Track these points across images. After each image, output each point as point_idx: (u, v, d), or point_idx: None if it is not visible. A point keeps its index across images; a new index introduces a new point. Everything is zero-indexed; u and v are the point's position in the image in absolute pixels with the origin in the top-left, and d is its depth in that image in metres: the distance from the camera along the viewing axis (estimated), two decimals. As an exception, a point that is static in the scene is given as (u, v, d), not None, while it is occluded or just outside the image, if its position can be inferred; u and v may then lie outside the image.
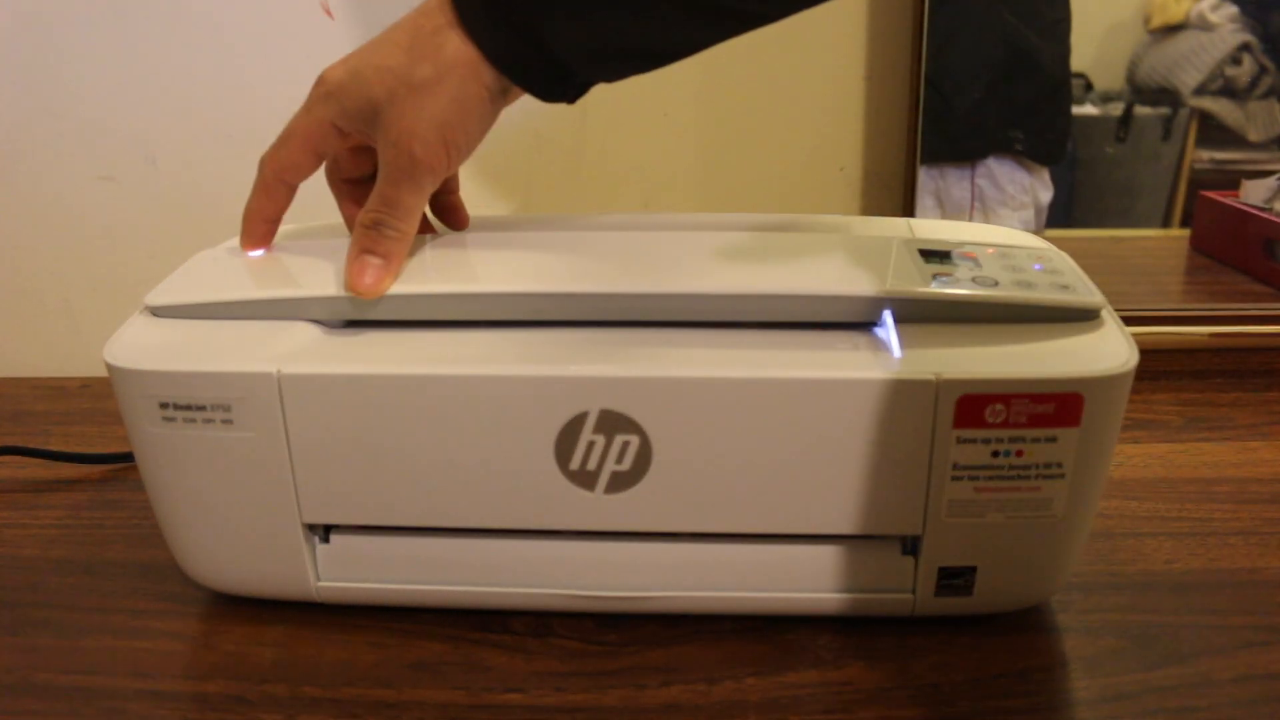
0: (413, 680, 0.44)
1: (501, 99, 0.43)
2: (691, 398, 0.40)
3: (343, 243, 0.51)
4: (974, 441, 0.41)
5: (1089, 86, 0.78)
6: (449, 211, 0.51)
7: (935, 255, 0.46)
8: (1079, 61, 0.76)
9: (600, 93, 0.73)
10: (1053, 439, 0.40)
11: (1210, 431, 0.65)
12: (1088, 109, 0.79)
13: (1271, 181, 0.86)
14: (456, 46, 0.41)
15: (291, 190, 0.47)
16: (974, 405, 0.40)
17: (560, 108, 0.73)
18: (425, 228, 0.50)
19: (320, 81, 0.45)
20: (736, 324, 0.43)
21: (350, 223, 0.49)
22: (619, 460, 0.42)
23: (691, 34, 0.42)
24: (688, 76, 0.73)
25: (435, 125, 0.42)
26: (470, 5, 0.41)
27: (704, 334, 0.43)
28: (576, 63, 0.42)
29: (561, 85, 0.43)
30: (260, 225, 0.48)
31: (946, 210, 0.77)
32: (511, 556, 0.45)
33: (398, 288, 0.44)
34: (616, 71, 0.44)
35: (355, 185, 0.49)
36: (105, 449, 0.63)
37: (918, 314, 0.43)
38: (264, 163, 0.47)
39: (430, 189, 0.44)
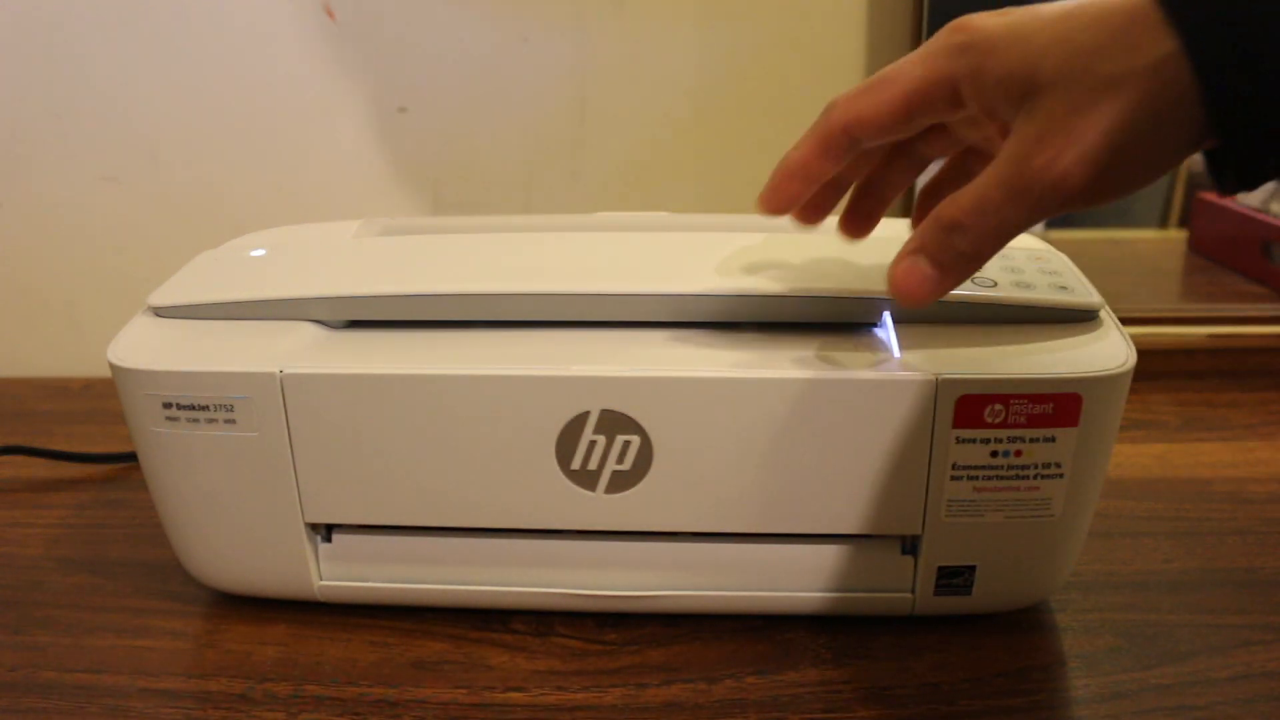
0: (414, 679, 0.44)
1: (1189, 153, 0.33)
2: (692, 398, 0.41)
3: (345, 243, 0.51)
4: (973, 441, 0.41)
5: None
6: (868, 213, 0.42)
7: (934, 256, 0.46)
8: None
9: (600, 92, 0.74)
10: (1051, 439, 0.41)
11: (1208, 431, 0.65)
12: (1086, 110, 0.79)
13: (1269, 183, 0.86)
14: (1166, 54, 0.30)
15: (850, 152, 0.37)
16: (973, 405, 0.40)
17: (559, 107, 0.74)
18: None
19: (959, 28, 0.34)
20: (737, 324, 0.44)
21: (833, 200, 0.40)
22: (620, 460, 0.42)
23: None
24: (688, 76, 0.74)
25: (1108, 142, 0.31)
26: (1215, 52, 0.30)
27: (704, 334, 0.43)
28: None
29: (1262, 176, 0.32)
30: (794, 183, 0.38)
31: None
32: (513, 556, 0.46)
33: (399, 288, 0.44)
34: None
35: (901, 161, 0.40)
36: (108, 449, 0.63)
37: (917, 315, 0.43)
38: (832, 106, 0.36)
39: (1047, 217, 0.34)
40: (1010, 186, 0.32)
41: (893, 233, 0.50)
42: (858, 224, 0.43)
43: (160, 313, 0.46)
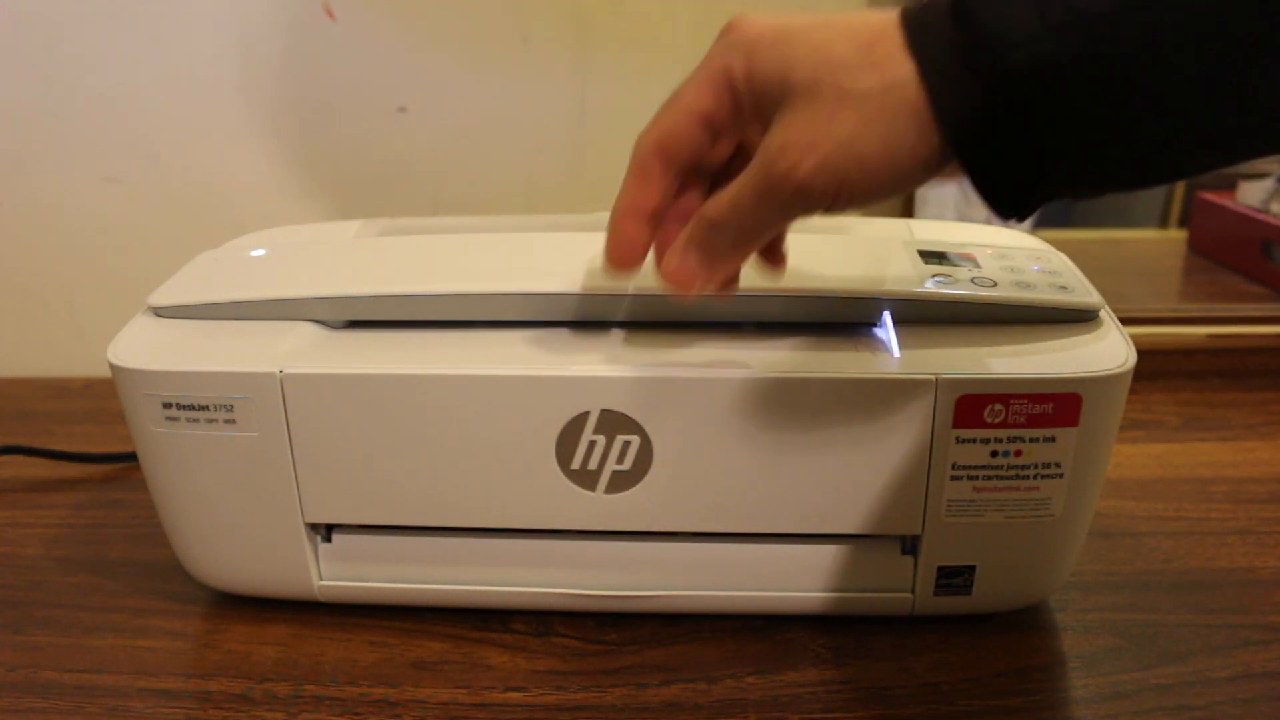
0: (414, 679, 0.44)
1: (932, 171, 0.33)
2: (692, 398, 0.41)
3: (344, 243, 0.51)
4: (973, 441, 0.41)
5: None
6: (769, 249, 0.40)
7: (934, 256, 0.46)
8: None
9: (600, 93, 0.74)
10: (1051, 439, 0.41)
11: (1207, 431, 0.65)
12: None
13: (1268, 183, 0.86)
14: (904, 77, 0.32)
15: (671, 171, 0.37)
16: (973, 405, 0.40)
17: (560, 108, 0.74)
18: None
19: (730, 27, 0.35)
20: (737, 324, 0.44)
21: (640, 213, 0.37)
22: (620, 460, 0.42)
23: (1228, 151, 0.32)
24: (686, 76, 0.74)
25: (844, 154, 0.32)
26: (946, 77, 0.31)
27: (704, 334, 0.43)
28: (1064, 173, 0.32)
29: (1021, 201, 0.33)
30: (630, 224, 0.37)
31: (970, 194, 0.77)
32: (512, 556, 0.46)
33: (399, 288, 0.44)
34: (1097, 190, 0.34)
35: (691, 174, 0.38)
36: (108, 449, 0.63)
37: (917, 314, 0.43)
38: (638, 140, 0.37)
39: (795, 219, 0.35)
40: (759, 190, 0.34)
41: (893, 233, 0.51)
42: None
43: (160, 313, 0.46)
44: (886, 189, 0.33)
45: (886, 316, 0.43)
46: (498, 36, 0.72)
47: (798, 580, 0.45)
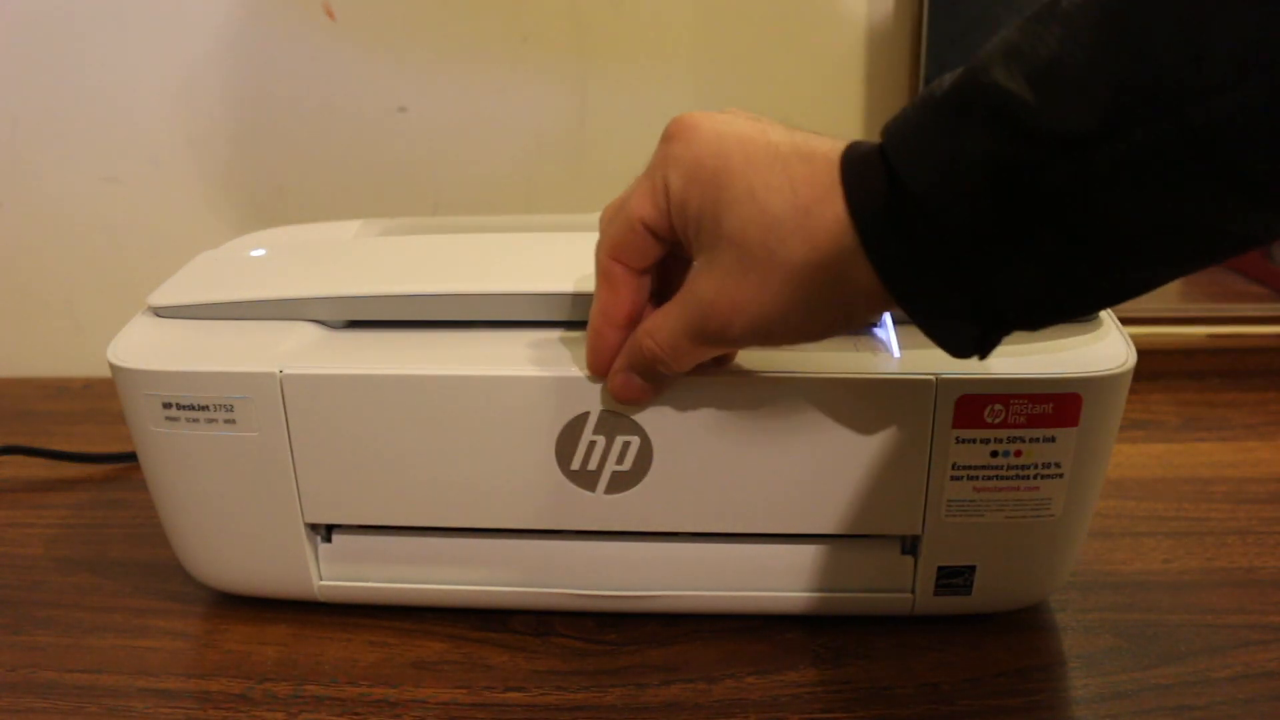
0: (414, 679, 0.44)
1: (856, 326, 0.35)
2: (691, 398, 0.41)
3: (344, 243, 0.51)
4: (973, 441, 0.41)
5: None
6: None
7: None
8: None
9: (600, 93, 0.74)
10: (1051, 439, 0.41)
11: (1207, 431, 0.65)
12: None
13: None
14: (853, 255, 0.32)
15: (633, 273, 0.38)
16: (973, 405, 0.40)
17: (560, 108, 0.74)
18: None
19: (674, 137, 0.35)
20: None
21: (608, 313, 0.39)
22: (620, 460, 0.42)
23: (1173, 266, 0.31)
24: (687, 77, 0.74)
25: (770, 317, 0.34)
26: (873, 215, 0.31)
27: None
28: (1015, 312, 0.32)
29: (980, 341, 0.33)
30: (609, 333, 0.39)
31: None
32: (512, 556, 0.46)
33: (399, 288, 0.44)
34: (1053, 320, 0.33)
35: (628, 270, 0.38)
36: (108, 449, 0.63)
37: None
38: (597, 249, 0.38)
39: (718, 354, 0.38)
40: (693, 337, 0.36)
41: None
42: None
43: (160, 313, 0.46)
44: (812, 340, 0.35)
45: (886, 316, 0.43)
46: (497, 36, 0.72)
47: (797, 580, 0.45)
